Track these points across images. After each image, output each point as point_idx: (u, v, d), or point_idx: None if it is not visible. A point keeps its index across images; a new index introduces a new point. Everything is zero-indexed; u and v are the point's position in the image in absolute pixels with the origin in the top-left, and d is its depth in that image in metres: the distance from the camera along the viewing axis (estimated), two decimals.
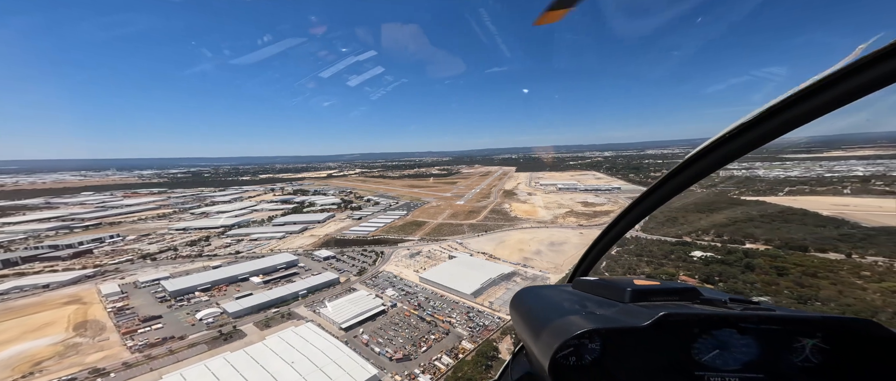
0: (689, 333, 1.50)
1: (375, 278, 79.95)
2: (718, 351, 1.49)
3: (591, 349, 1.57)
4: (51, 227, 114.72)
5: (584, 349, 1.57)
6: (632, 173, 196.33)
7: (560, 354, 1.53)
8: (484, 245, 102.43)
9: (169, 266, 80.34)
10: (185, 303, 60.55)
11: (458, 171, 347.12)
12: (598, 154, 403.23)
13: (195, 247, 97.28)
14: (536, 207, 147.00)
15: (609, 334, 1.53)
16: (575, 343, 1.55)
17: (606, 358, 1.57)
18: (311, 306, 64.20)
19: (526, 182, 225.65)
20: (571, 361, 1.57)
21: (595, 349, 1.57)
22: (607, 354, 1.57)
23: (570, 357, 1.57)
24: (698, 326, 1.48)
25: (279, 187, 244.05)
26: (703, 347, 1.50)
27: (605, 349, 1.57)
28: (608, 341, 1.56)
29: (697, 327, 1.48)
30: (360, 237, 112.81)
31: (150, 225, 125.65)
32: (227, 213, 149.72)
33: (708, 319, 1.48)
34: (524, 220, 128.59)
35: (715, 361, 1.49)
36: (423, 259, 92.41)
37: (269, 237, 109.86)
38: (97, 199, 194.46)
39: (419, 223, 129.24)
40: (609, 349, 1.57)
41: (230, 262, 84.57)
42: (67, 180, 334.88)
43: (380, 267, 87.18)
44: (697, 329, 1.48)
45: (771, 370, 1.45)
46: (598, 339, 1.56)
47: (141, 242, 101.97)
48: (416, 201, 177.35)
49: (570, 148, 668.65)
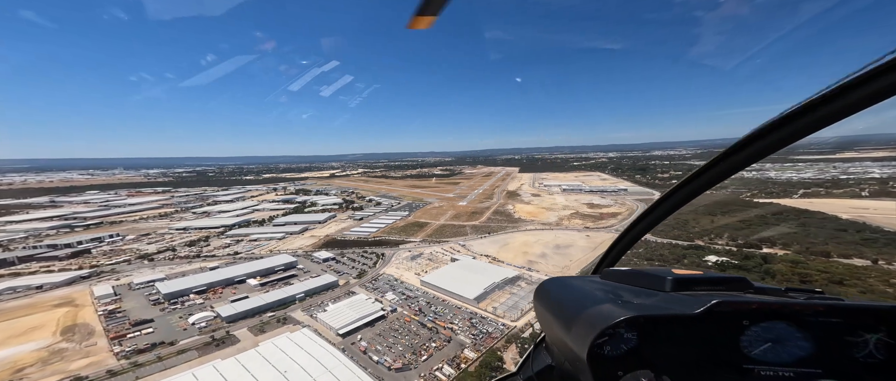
0: (737, 324, 1.43)
1: (375, 282, 77.49)
2: (771, 344, 1.41)
3: (626, 339, 1.53)
4: (52, 226, 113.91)
5: (619, 338, 1.53)
6: (638, 175, 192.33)
7: (596, 342, 1.50)
8: (487, 248, 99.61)
9: (166, 267, 78.56)
10: (179, 306, 58.52)
11: (461, 171, 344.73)
12: (602, 155, 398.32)
13: (194, 247, 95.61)
14: (540, 208, 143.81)
15: (651, 322, 1.48)
16: (610, 332, 1.51)
17: (644, 348, 1.52)
18: (309, 310, 61.87)
19: (529, 183, 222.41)
20: (606, 350, 1.53)
21: (631, 338, 1.53)
22: (645, 343, 1.52)
23: (604, 347, 1.54)
24: (749, 316, 1.41)
25: (281, 187, 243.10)
26: (753, 339, 1.43)
27: (642, 339, 1.52)
28: (647, 330, 1.51)
29: (748, 317, 1.42)
30: (361, 238, 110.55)
31: (150, 224, 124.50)
32: (229, 213, 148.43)
33: (763, 309, 1.40)
34: (528, 221, 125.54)
35: (766, 354, 1.41)
36: (424, 262, 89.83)
37: (268, 238, 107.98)
38: (101, 198, 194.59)
39: (421, 224, 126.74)
40: (647, 338, 1.52)
41: (228, 263, 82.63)
42: (74, 179, 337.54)
43: (380, 270, 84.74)
44: (748, 321, 1.42)
45: (829, 366, 1.36)
46: (635, 328, 1.51)
47: (140, 241, 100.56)
48: (418, 201, 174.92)
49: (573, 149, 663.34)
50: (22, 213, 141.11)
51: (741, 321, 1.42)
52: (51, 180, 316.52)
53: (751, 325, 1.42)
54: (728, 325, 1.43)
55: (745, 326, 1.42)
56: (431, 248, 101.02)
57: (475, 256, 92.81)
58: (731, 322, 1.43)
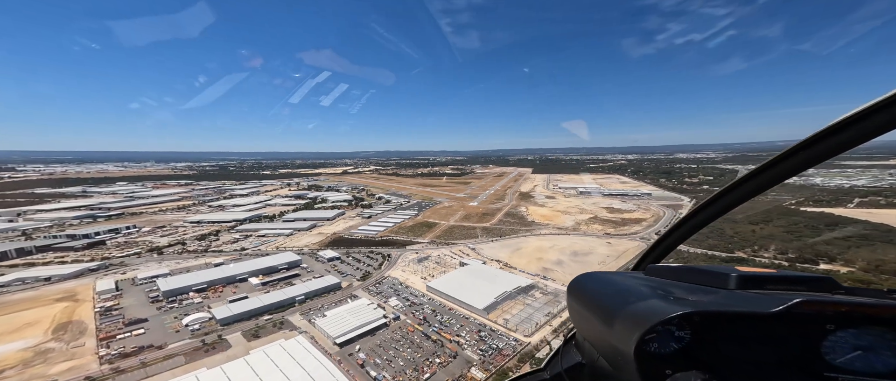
0: (820, 328, 1.26)
1: (379, 285, 73.15)
2: (861, 352, 1.23)
3: (678, 337, 1.41)
4: (77, 215, 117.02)
5: (669, 336, 1.41)
6: (663, 178, 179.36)
7: (645, 338, 1.38)
8: (498, 252, 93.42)
9: (173, 262, 77.42)
10: (177, 305, 56.19)
11: (472, 171, 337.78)
12: (620, 157, 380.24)
13: (203, 241, 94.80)
14: (555, 211, 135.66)
15: (711, 319, 1.35)
16: (661, 329, 1.38)
17: (698, 347, 1.40)
18: (308, 314, 58.14)
19: (543, 184, 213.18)
20: (653, 347, 1.42)
21: (683, 336, 1.41)
22: (700, 343, 1.40)
23: (651, 343, 1.42)
24: (834, 320, 1.25)
25: (295, 182, 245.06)
26: (838, 345, 1.25)
27: (696, 338, 1.40)
28: (704, 328, 1.38)
29: (834, 321, 1.25)
30: (368, 237, 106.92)
31: (167, 216, 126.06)
32: (242, 207, 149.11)
33: (855, 312, 1.21)
34: (542, 225, 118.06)
35: (855, 363, 1.24)
36: (431, 265, 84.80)
37: (276, 234, 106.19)
38: (129, 189, 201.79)
39: (430, 225, 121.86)
40: (703, 337, 1.39)
41: (233, 259, 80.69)
42: (109, 171, 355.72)
43: (385, 272, 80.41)
44: (833, 325, 1.25)
45: None
46: (688, 326, 1.40)
47: (154, 234, 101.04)
48: (427, 200, 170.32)
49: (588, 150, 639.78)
50: (54, 202, 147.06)
51: (825, 324, 1.26)
52: (88, 171, 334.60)
53: (837, 329, 1.25)
54: (807, 328, 1.27)
55: (829, 330, 1.26)
56: (439, 250, 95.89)
57: (485, 260, 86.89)
58: (812, 325, 1.27)
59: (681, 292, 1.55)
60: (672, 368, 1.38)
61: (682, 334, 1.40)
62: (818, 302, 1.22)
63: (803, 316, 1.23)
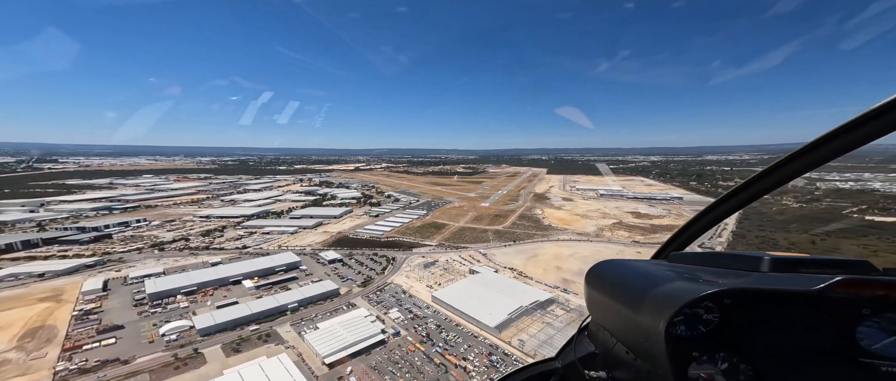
0: (856, 311, 1.22)
1: (381, 293, 66.34)
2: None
3: (705, 320, 1.36)
4: (94, 207, 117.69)
5: (696, 318, 1.37)
6: (693, 181, 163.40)
7: (674, 320, 1.33)
8: (512, 259, 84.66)
9: (172, 259, 73.85)
10: (161, 309, 51.49)
11: (484, 170, 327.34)
12: (642, 158, 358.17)
13: (208, 237, 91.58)
14: (575, 215, 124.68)
15: (735, 300, 1.32)
16: (687, 312, 1.34)
17: (727, 330, 1.35)
18: (299, 325, 51.98)
19: (559, 185, 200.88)
20: (680, 330, 1.37)
21: (711, 319, 1.36)
22: (728, 326, 1.35)
23: (678, 326, 1.37)
24: (870, 305, 1.20)
25: (307, 178, 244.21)
26: (875, 330, 1.20)
27: (726, 322, 1.35)
28: (733, 310, 1.34)
29: (869, 306, 1.20)
30: (374, 238, 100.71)
31: (179, 210, 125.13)
32: (253, 202, 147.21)
33: (877, 291, 1.18)
34: (560, 230, 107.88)
35: (891, 348, 1.19)
36: (438, 271, 77.23)
37: (281, 231, 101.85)
38: (152, 182, 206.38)
39: (439, 226, 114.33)
40: (732, 320, 1.35)
41: (233, 258, 76.31)
42: (140, 164, 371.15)
43: (388, 277, 73.60)
44: (869, 309, 1.20)
45: None
46: (717, 309, 1.35)
47: (162, 228, 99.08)
48: (437, 199, 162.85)
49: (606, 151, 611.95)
50: (79, 193, 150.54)
51: (860, 308, 1.21)
52: (121, 164, 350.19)
53: (872, 314, 1.20)
54: (842, 312, 1.23)
55: (865, 315, 1.21)
56: (447, 255, 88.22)
57: (497, 268, 78.41)
58: (847, 310, 1.22)
59: (709, 275, 1.50)
60: (699, 351, 1.35)
61: (711, 317, 1.36)
62: (859, 281, 1.18)
63: (837, 300, 1.19)
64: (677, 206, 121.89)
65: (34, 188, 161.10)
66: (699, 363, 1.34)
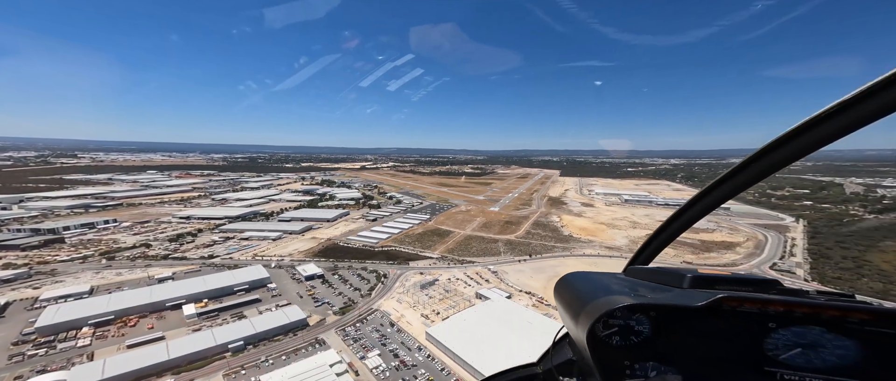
0: (763, 325, 1.34)
1: (361, 324, 50.91)
2: (800, 349, 1.31)
3: (638, 331, 1.48)
4: (72, 204, 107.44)
5: (630, 329, 1.48)
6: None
7: (603, 332, 1.49)
8: (529, 279, 67.94)
9: (115, 271, 60.77)
10: (47, 350, 37.35)
11: (493, 171, 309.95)
12: (661, 161, 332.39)
13: (175, 243, 78.57)
14: (599, 223, 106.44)
15: (658, 313, 1.44)
16: (620, 323, 1.47)
17: (658, 341, 1.48)
18: (235, 377, 36.99)
19: (575, 189, 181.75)
20: (615, 340, 1.50)
21: (643, 330, 1.48)
22: (659, 336, 1.48)
23: (613, 337, 1.50)
24: (776, 319, 1.33)
25: (310, 176, 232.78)
26: (779, 341, 1.33)
27: (656, 332, 1.47)
28: (661, 323, 1.46)
29: (775, 320, 1.33)
30: (367, 247, 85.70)
31: (162, 209, 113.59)
32: (245, 201, 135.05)
33: (778, 307, 1.31)
34: (584, 241, 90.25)
35: (795, 359, 1.31)
36: (437, 295, 61.21)
37: (262, 237, 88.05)
38: (151, 178, 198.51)
39: (442, 234, 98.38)
40: (662, 331, 1.47)
41: (190, 271, 62.57)
42: (154, 159, 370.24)
43: (375, 301, 58.17)
44: (775, 323, 1.33)
45: (867, 376, 1.24)
46: (647, 321, 1.47)
47: (129, 231, 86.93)
48: (442, 202, 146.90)
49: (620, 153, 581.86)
50: (71, 188, 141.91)
51: (767, 322, 1.34)
52: (134, 160, 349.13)
53: (778, 327, 1.33)
54: (752, 326, 1.35)
55: (771, 328, 1.33)
56: (450, 271, 72.18)
57: (511, 293, 61.71)
58: (757, 324, 1.35)
59: (645, 290, 1.65)
60: (631, 359, 1.48)
61: (641, 328, 1.47)
62: (737, 297, 1.32)
63: (746, 314, 1.33)
64: (725, 217, 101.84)
65: (27, 183, 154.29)
66: (632, 371, 1.48)
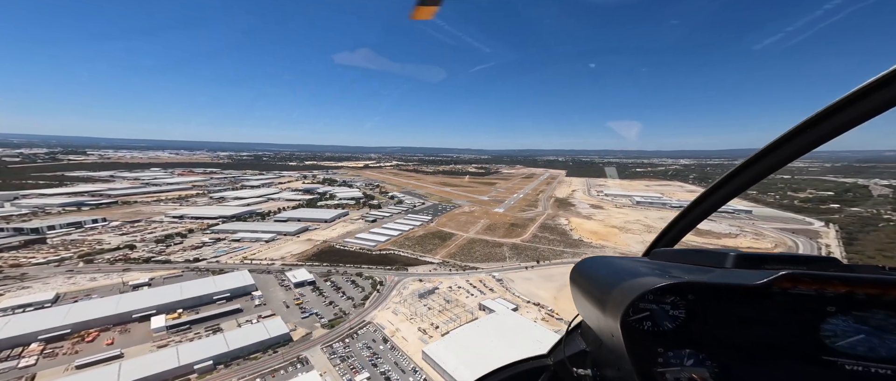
0: (820, 310, 1.17)
1: (351, 340, 45.46)
2: (863, 336, 1.13)
3: (672, 316, 1.32)
4: (64, 202, 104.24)
5: (663, 314, 1.33)
6: (751, 190, 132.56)
7: (633, 316, 1.32)
8: (537, 288, 61.83)
9: (89, 275, 56.35)
10: None
11: (497, 170, 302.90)
12: (670, 161, 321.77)
13: (161, 244, 74.14)
14: (610, 227, 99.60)
15: (698, 296, 1.28)
16: (653, 308, 1.32)
17: (694, 326, 1.31)
18: None
19: (583, 190, 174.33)
20: (646, 326, 1.34)
21: (677, 315, 1.32)
22: (695, 321, 1.31)
23: (644, 322, 1.33)
24: (836, 302, 1.14)
25: (312, 175, 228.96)
26: (839, 327, 1.16)
27: (692, 317, 1.32)
28: (698, 307, 1.30)
29: (835, 303, 1.15)
30: (365, 250, 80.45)
31: (156, 208, 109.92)
32: (243, 200, 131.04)
33: (839, 288, 1.12)
34: (595, 246, 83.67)
35: (856, 346, 1.13)
36: (437, 305, 55.51)
37: (255, 238, 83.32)
38: (152, 175, 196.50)
39: (444, 236, 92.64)
40: (698, 316, 1.31)
41: (169, 277, 57.85)
42: (160, 156, 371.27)
43: (368, 313, 52.72)
44: (835, 306, 1.15)
45: None
46: (683, 305, 1.31)
47: (116, 230, 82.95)
48: (445, 202, 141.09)
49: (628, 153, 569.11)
50: (65, 186, 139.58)
51: (825, 306, 1.16)
52: (141, 157, 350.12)
53: (838, 311, 1.15)
54: (807, 310, 1.18)
55: (830, 312, 1.16)
56: (452, 278, 66.41)
57: (517, 305, 55.66)
58: (812, 307, 1.17)
59: (678, 271, 1.45)
60: (665, 347, 1.32)
61: (677, 313, 1.32)
62: (806, 276, 1.14)
63: (799, 298, 1.16)
64: (748, 222, 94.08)
65: (27, 180, 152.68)
66: (665, 358, 1.32)
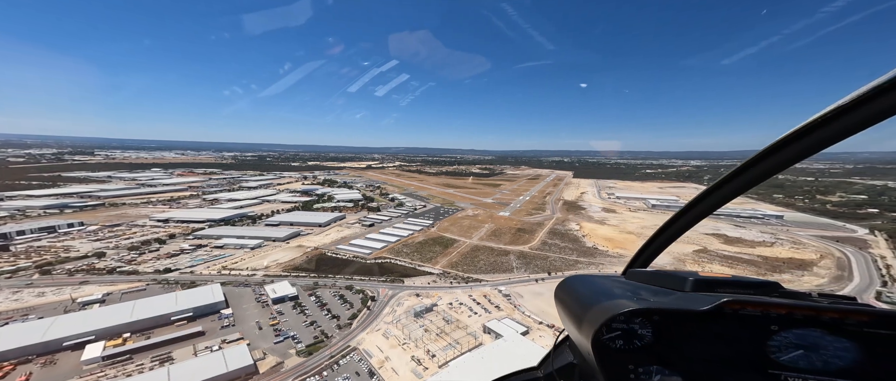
0: (765, 328, 1.31)
1: (331, 372, 37.60)
2: (802, 351, 1.28)
3: (641, 335, 1.46)
4: (47, 205, 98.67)
5: (633, 333, 1.46)
6: (777, 192, 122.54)
7: (606, 336, 1.47)
8: (550, 305, 53.12)
9: (38, 290, 49.41)
10: None
11: (502, 171, 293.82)
12: (681, 163, 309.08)
13: (134, 252, 67.26)
14: (627, 233, 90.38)
15: (661, 317, 1.42)
16: (623, 327, 1.46)
17: (660, 345, 1.46)
18: None
19: (593, 192, 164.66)
20: (618, 344, 1.48)
21: (646, 334, 1.46)
22: (661, 340, 1.45)
23: (616, 340, 1.48)
24: (778, 322, 1.30)
25: (313, 175, 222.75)
26: (781, 344, 1.30)
27: (658, 336, 1.45)
28: (663, 327, 1.44)
29: (777, 323, 1.30)
30: (358, 257, 72.73)
31: (144, 210, 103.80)
32: (236, 202, 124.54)
33: (779, 310, 1.29)
34: (612, 255, 74.79)
35: (797, 361, 1.29)
36: (435, 326, 47.33)
37: (239, 245, 76.15)
38: (150, 176, 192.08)
39: (445, 243, 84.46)
40: (664, 335, 1.45)
41: (130, 290, 50.66)
42: (165, 157, 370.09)
43: (355, 335, 44.81)
44: (777, 325, 1.30)
45: (867, 378, 1.22)
46: (649, 325, 1.45)
47: (91, 236, 76.42)
48: (448, 205, 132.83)
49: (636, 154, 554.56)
50: (58, 187, 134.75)
51: (769, 325, 1.31)
52: (146, 157, 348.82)
53: (780, 330, 1.30)
54: (753, 328, 1.32)
55: (773, 330, 1.31)
56: (453, 293, 58.19)
57: (528, 328, 47.13)
58: (757, 326, 1.32)
59: (647, 293, 1.62)
60: (634, 363, 1.46)
61: (644, 332, 1.44)
62: (742, 300, 1.30)
63: (743, 318, 1.31)
64: (780, 228, 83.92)
65: (21, 181, 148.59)
66: (636, 375, 1.45)
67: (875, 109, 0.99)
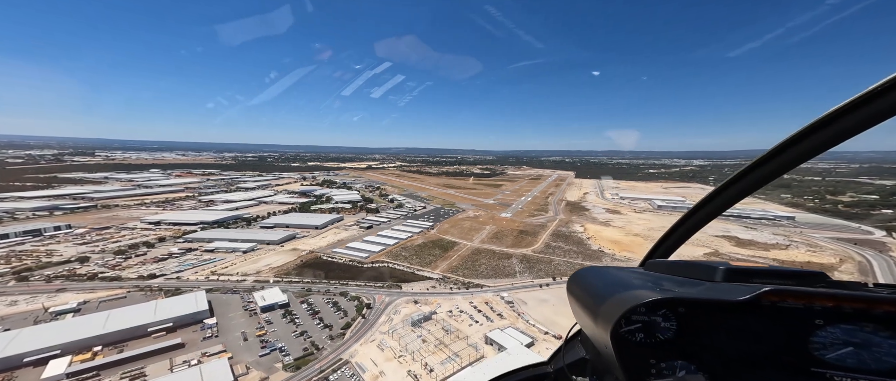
0: (808, 322, 1.18)
1: None
2: (852, 348, 1.14)
3: (663, 328, 1.34)
4: (37, 206, 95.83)
5: (655, 326, 1.34)
6: (784, 192, 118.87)
7: (625, 328, 1.34)
8: (556, 313, 50.02)
9: (9, 299, 46.21)
10: None
11: (503, 171, 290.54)
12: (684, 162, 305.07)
13: (120, 256, 64.22)
14: (633, 235, 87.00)
15: (688, 309, 1.29)
16: (644, 319, 1.34)
17: (685, 339, 1.33)
18: None
19: (596, 192, 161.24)
20: (638, 337, 1.35)
21: (668, 327, 1.33)
22: (686, 334, 1.33)
23: (636, 333, 1.35)
24: (823, 315, 1.15)
25: (313, 176, 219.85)
26: (827, 339, 1.16)
27: (683, 329, 1.33)
28: (689, 319, 1.32)
29: (822, 316, 1.16)
30: (355, 262, 69.62)
31: (134, 213, 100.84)
32: (232, 203, 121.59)
33: (826, 302, 1.14)
34: (619, 259, 71.45)
35: (845, 358, 1.14)
36: (434, 336, 44.10)
37: (231, 249, 73.10)
38: (147, 177, 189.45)
39: (445, 246, 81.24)
40: (689, 328, 1.33)
41: (108, 298, 47.56)
42: (165, 157, 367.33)
43: (347, 347, 41.65)
44: (822, 319, 1.16)
45: None
46: (674, 317, 1.33)
47: (78, 239, 73.46)
48: (448, 206, 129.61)
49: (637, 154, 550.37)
50: (52, 188, 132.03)
51: (813, 319, 1.17)
52: (146, 158, 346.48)
53: (826, 324, 1.16)
54: (795, 323, 1.19)
55: (818, 325, 1.17)
56: (453, 298, 54.96)
57: (533, 338, 43.85)
58: (800, 320, 1.18)
59: (670, 284, 1.48)
60: (656, 358, 1.34)
61: (668, 325, 1.33)
62: (789, 292, 1.16)
63: (786, 311, 1.17)
64: (793, 229, 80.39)
65: (16, 182, 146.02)
66: (657, 369, 1.33)
67: (880, 107, 0.94)
